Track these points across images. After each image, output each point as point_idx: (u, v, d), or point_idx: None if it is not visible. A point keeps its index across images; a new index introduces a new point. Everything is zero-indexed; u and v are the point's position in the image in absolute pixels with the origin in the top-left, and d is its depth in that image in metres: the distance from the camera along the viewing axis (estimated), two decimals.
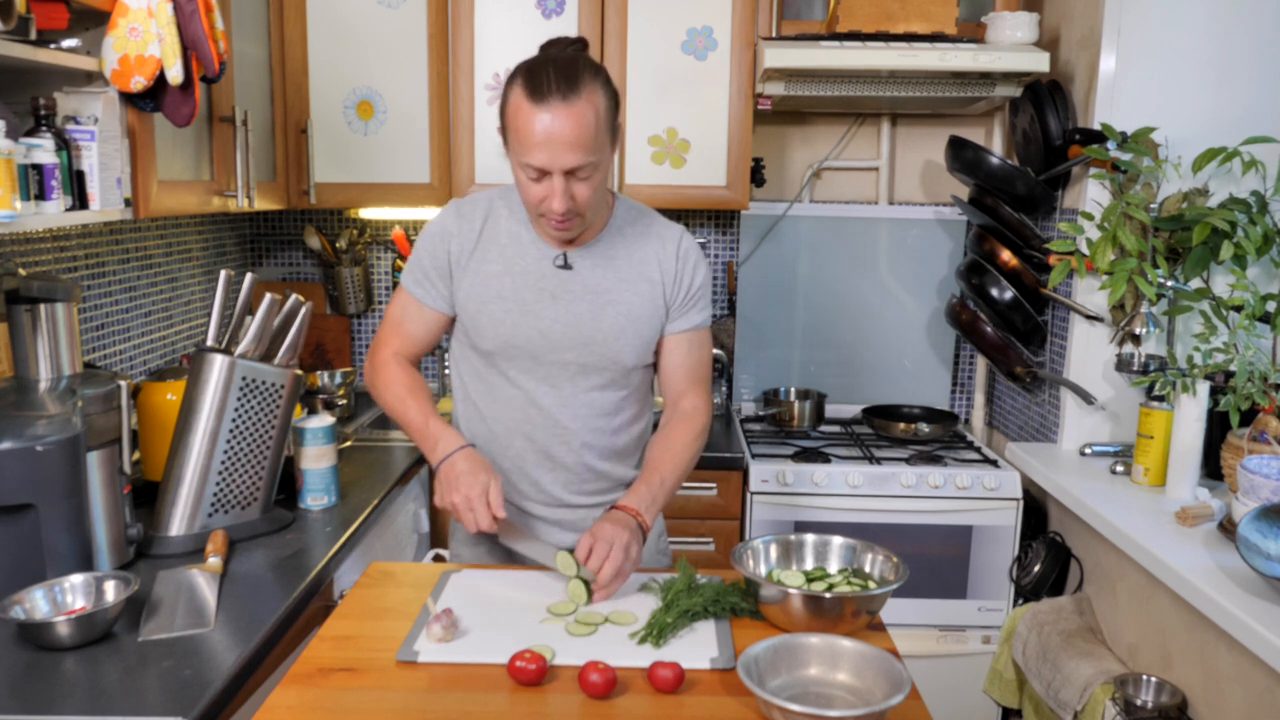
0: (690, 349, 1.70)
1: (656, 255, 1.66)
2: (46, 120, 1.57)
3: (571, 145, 1.44)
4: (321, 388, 2.76)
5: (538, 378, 1.65)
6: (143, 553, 1.69)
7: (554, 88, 1.43)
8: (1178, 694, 1.76)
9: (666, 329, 1.68)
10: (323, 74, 2.57)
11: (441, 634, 1.35)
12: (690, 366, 1.70)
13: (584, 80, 1.45)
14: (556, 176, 1.47)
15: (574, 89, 1.44)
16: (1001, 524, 2.43)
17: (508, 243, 1.64)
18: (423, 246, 1.67)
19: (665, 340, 1.69)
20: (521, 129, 1.46)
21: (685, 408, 1.70)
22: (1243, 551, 1.57)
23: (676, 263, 1.66)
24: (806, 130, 2.96)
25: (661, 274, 1.66)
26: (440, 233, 1.66)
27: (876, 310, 2.97)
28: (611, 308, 1.63)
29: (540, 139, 1.44)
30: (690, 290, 1.67)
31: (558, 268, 1.63)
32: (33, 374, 1.58)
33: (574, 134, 1.44)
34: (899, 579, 1.41)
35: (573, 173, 1.47)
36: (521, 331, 1.62)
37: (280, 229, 3.04)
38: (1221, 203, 2.12)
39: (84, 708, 1.19)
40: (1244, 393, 1.91)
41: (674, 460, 1.65)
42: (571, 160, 1.46)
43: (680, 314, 1.68)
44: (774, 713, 1.13)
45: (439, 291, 1.67)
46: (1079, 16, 2.36)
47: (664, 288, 1.66)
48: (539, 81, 1.44)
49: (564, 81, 1.44)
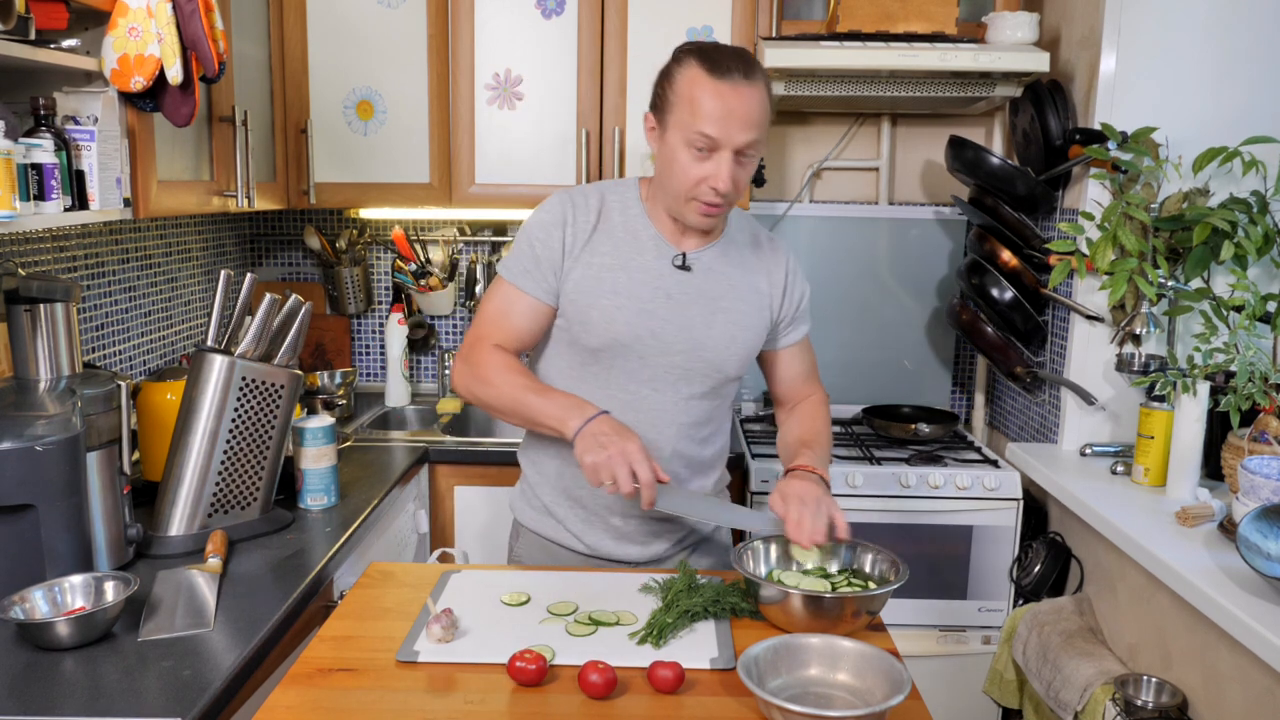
0: (804, 355, 1.78)
1: (767, 268, 1.68)
2: (46, 120, 1.57)
3: (747, 122, 1.47)
4: (321, 388, 2.76)
5: (641, 380, 1.62)
6: (142, 553, 1.69)
7: (735, 66, 1.48)
8: (1178, 694, 1.76)
9: (779, 343, 1.73)
10: (323, 74, 2.57)
11: (441, 634, 1.35)
12: (806, 372, 1.79)
13: (758, 68, 1.51)
14: (725, 153, 1.48)
15: (754, 71, 1.50)
16: (1002, 524, 2.43)
17: (624, 237, 1.60)
18: (532, 235, 1.60)
19: (780, 354, 1.75)
20: (698, 100, 1.47)
21: (807, 393, 1.80)
22: (1243, 552, 1.57)
23: (786, 277, 1.70)
24: (806, 130, 2.96)
25: (770, 287, 1.68)
26: (554, 221, 1.59)
27: (876, 310, 2.96)
28: (723, 315, 1.62)
29: (720, 112, 1.46)
30: (800, 305, 1.73)
31: (676, 267, 1.61)
32: (32, 374, 1.58)
33: (750, 111, 1.48)
34: (899, 579, 1.41)
35: (740, 152, 1.49)
36: (633, 330, 1.58)
37: (280, 229, 3.04)
38: (1222, 203, 2.12)
39: (83, 708, 1.19)
40: (1244, 393, 1.91)
41: (824, 432, 1.72)
42: (745, 137, 1.48)
43: (790, 328, 1.73)
44: (774, 713, 1.13)
45: (549, 283, 1.60)
46: (1079, 16, 2.36)
47: (771, 300, 1.68)
48: (718, 60, 1.48)
49: (744, 63, 1.49)
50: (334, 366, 3.01)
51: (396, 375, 2.88)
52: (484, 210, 2.69)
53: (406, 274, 2.91)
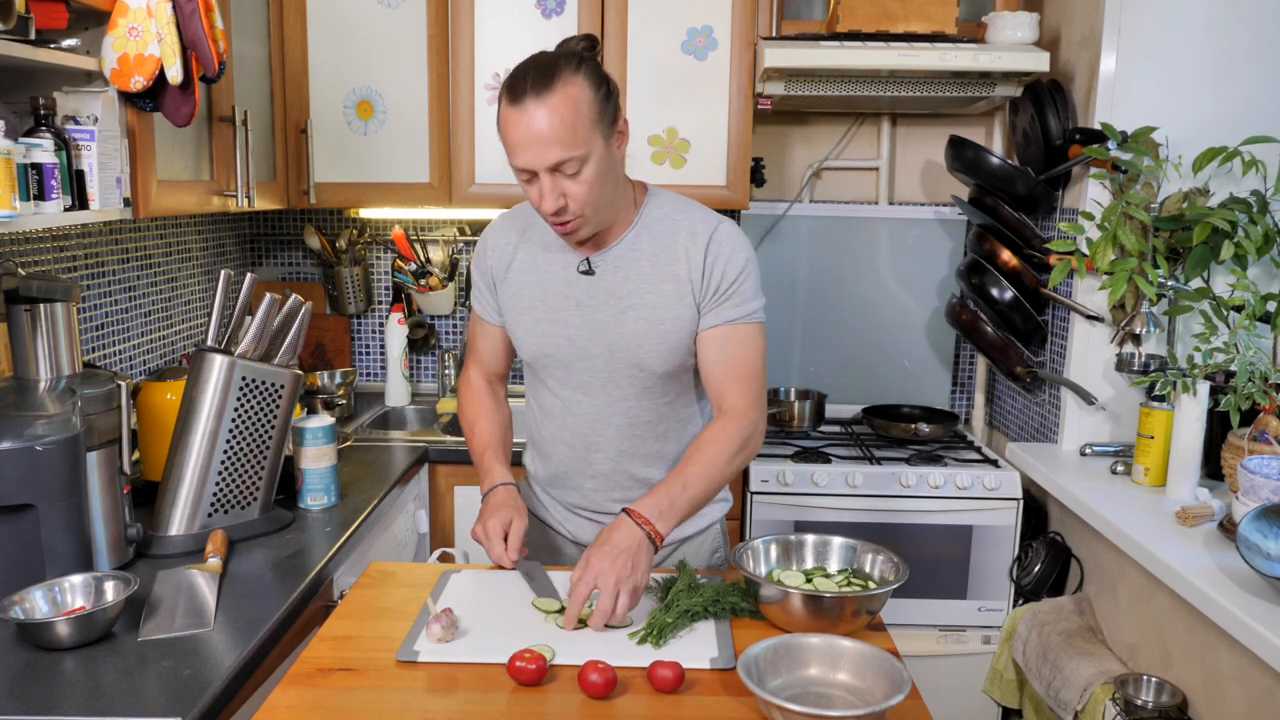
0: (725, 344, 1.58)
1: (685, 252, 1.57)
2: (46, 120, 1.57)
3: (549, 141, 1.41)
4: (321, 388, 2.76)
5: (571, 386, 1.65)
6: (142, 553, 1.69)
7: (529, 87, 1.41)
8: (1178, 694, 1.76)
9: (700, 324, 1.58)
10: (323, 74, 2.57)
11: (441, 634, 1.35)
12: (725, 363, 1.58)
13: (560, 75, 1.42)
14: (543, 175, 1.44)
15: (548, 85, 1.40)
16: (1002, 524, 2.43)
17: (540, 251, 1.64)
18: (474, 265, 1.73)
19: (699, 337, 1.59)
20: (505, 133, 1.46)
21: (724, 407, 1.59)
22: (1243, 551, 1.57)
23: (705, 257, 1.56)
24: (806, 130, 2.96)
25: (689, 271, 1.57)
26: (480, 249, 1.71)
27: (876, 310, 2.96)
28: (634, 311, 1.58)
29: (520, 139, 1.43)
30: (721, 284, 1.56)
31: (580, 273, 1.61)
32: (32, 374, 1.58)
33: (550, 129, 1.40)
34: (899, 579, 1.41)
35: (558, 169, 1.43)
36: (551, 340, 1.63)
37: (280, 229, 3.04)
38: (1222, 202, 2.12)
39: (83, 708, 1.19)
40: (1244, 393, 1.91)
41: (703, 462, 1.52)
42: (551, 156, 1.42)
43: (712, 308, 1.57)
44: (774, 713, 1.13)
45: (494, 306, 1.71)
46: (1079, 16, 2.36)
47: (691, 285, 1.57)
48: (515, 83, 1.43)
49: (539, 79, 1.41)
50: (334, 366, 3.01)
51: (396, 375, 2.88)
52: (484, 210, 2.69)
53: (406, 274, 2.91)
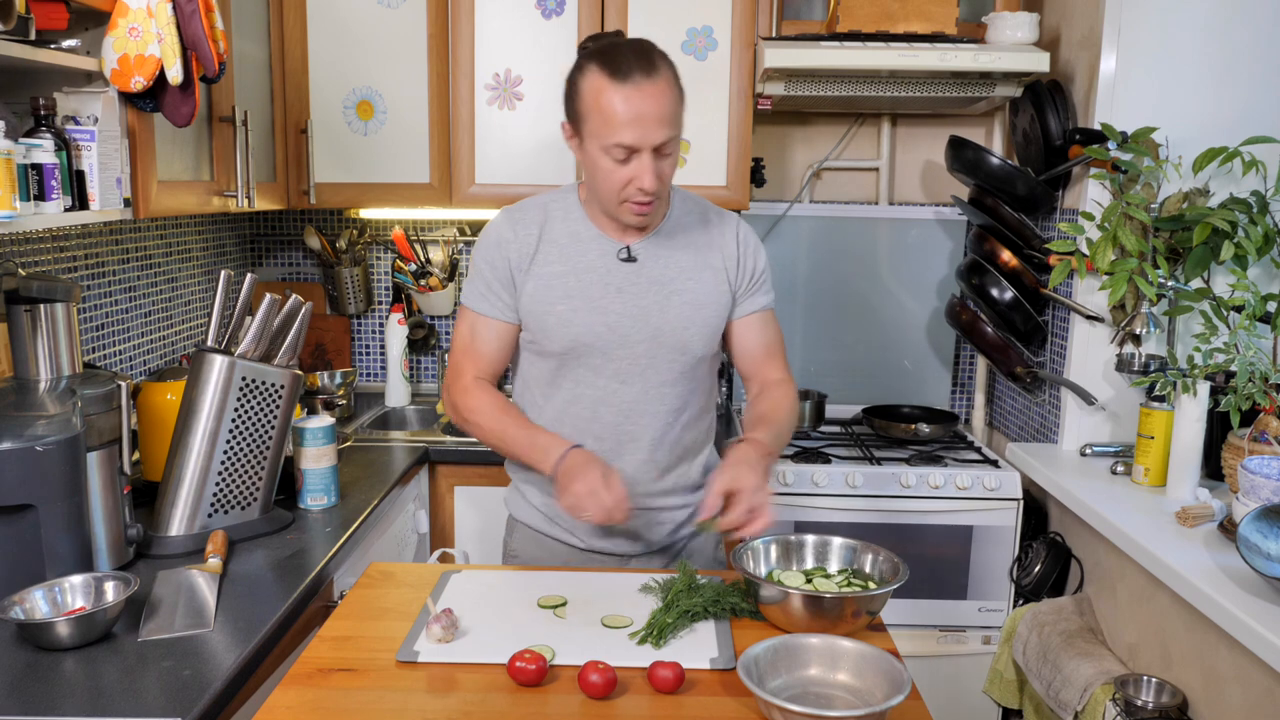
0: (765, 328, 1.74)
1: (718, 242, 1.69)
2: (46, 120, 1.57)
3: (659, 120, 1.48)
4: (321, 388, 2.76)
5: (608, 375, 1.65)
6: (142, 553, 1.69)
7: (634, 66, 1.47)
8: (1178, 694, 1.76)
9: (735, 313, 1.71)
10: (323, 74, 2.57)
11: (441, 634, 1.35)
12: (766, 343, 1.74)
13: (658, 58, 1.51)
14: (646, 154, 1.49)
15: (654, 66, 1.49)
16: (1002, 524, 2.43)
17: (568, 242, 1.64)
18: (481, 260, 1.67)
19: (736, 324, 1.72)
20: (606, 109, 1.47)
21: (775, 377, 1.74)
22: (1243, 552, 1.57)
23: (738, 248, 1.69)
24: (806, 130, 2.96)
25: (724, 260, 1.68)
26: (496, 242, 1.66)
27: (876, 310, 2.96)
28: (678, 296, 1.64)
29: (629, 117, 1.46)
30: (754, 274, 1.71)
31: (621, 261, 1.63)
32: (32, 374, 1.58)
33: (660, 109, 1.48)
34: (899, 579, 1.41)
35: (659, 149, 1.50)
36: (590, 328, 1.62)
37: (280, 229, 3.04)
38: (1222, 203, 2.12)
39: (83, 708, 1.19)
40: (1244, 393, 1.91)
41: (783, 414, 1.67)
42: (660, 135, 1.48)
43: (747, 297, 1.71)
44: (774, 713, 1.13)
45: (504, 302, 1.66)
46: (1079, 16, 2.36)
47: (728, 274, 1.68)
48: (618, 62, 1.47)
49: (643, 59, 1.48)
50: (334, 366, 3.01)
51: (396, 375, 2.88)
52: (484, 210, 2.68)
53: (406, 274, 2.92)
